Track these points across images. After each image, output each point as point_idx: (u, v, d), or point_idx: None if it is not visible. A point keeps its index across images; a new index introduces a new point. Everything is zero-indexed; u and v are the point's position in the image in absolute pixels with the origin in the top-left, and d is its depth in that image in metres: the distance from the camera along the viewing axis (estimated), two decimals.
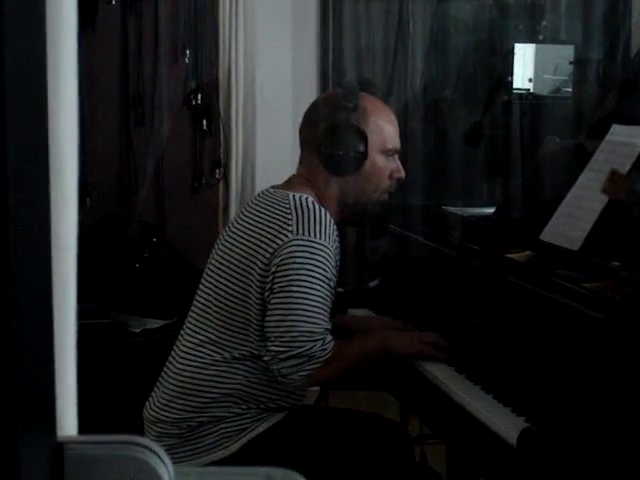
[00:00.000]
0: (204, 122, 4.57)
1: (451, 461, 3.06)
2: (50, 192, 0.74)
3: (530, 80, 4.46)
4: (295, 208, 2.43)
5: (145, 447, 0.73)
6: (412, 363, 2.49)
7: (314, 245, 2.38)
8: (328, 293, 2.41)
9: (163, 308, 3.90)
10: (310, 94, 4.57)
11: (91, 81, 4.40)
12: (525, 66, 4.47)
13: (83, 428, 0.78)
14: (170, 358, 2.58)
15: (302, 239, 2.38)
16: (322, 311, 2.39)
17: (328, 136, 2.51)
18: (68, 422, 0.75)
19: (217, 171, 4.59)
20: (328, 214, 2.45)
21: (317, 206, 2.45)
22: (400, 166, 2.63)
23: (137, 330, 3.79)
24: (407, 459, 2.66)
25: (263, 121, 4.53)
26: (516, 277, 2.33)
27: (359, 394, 3.80)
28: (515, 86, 4.45)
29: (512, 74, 4.45)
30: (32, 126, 0.70)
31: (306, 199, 2.46)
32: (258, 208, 2.51)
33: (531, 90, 4.43)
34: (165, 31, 4.50)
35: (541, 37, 4.73)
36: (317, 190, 2.54)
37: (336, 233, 2.46)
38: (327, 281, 2.40)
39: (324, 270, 2.39)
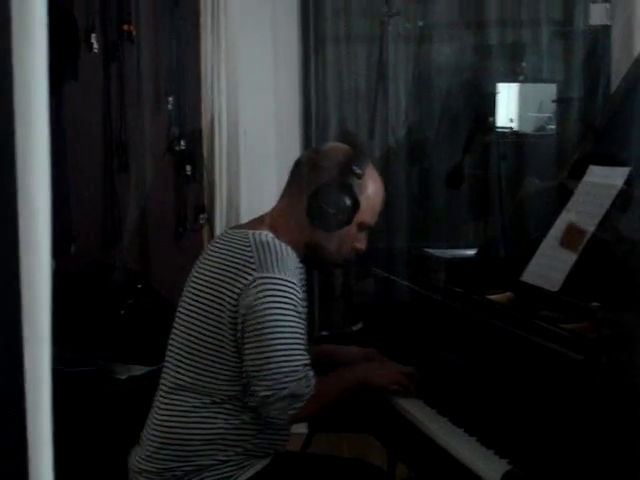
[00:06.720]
0: (187, 168, 4.58)
1: None
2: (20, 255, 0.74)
3: (511, 120, 4.49)
4: (255, 245, 2.42)
5: None
6: (393, 405, 2.49)
7: (279, 282, 2.36)
8: (301, 327, 2.40)
9: (148, 354, 3.89)
10: (293, 139, 4.61)
11: (74, 129, 4.42)
12: (509, 105, 4.51)
13: (70, 477, 0.78)
14: (152, 407, 2.55)
15: (266, 277, 2.36)
16: (299, 347, 2.37)
17: (325, 190, 2.47)
18: None
19: (201, 216, 4.60)
20: (289, 248, 2.44)
21: (277, 242, 2.43)
22: (365, 240, 2.61)
23: (123, 377, 3.78)
24: None
25: (246, 166, 4.52)
26: (497, 319, 2.33)
27: (343, 436, 3.79)
28: (499, 124, 4.48)
29: (494, 114, 4.48)
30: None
31: (266, 235, 2.45)
32: (219, 248, 2.50)
33: (515, 128, 4.46)
34: (147, 78, 4.52)
35: (521, 77, 4.76)
36: (280, 228, 2.50)
37: (300, 266, 2.46)
38: (298, 315, 2.39)
39: (293, 305, 2.37)
